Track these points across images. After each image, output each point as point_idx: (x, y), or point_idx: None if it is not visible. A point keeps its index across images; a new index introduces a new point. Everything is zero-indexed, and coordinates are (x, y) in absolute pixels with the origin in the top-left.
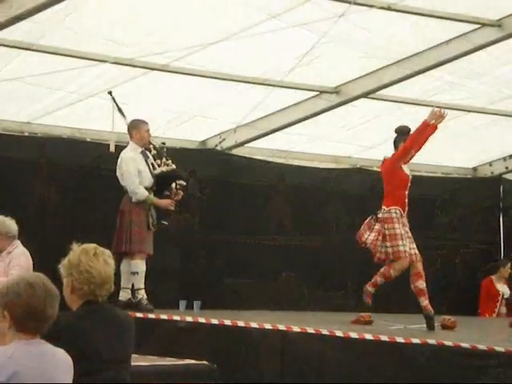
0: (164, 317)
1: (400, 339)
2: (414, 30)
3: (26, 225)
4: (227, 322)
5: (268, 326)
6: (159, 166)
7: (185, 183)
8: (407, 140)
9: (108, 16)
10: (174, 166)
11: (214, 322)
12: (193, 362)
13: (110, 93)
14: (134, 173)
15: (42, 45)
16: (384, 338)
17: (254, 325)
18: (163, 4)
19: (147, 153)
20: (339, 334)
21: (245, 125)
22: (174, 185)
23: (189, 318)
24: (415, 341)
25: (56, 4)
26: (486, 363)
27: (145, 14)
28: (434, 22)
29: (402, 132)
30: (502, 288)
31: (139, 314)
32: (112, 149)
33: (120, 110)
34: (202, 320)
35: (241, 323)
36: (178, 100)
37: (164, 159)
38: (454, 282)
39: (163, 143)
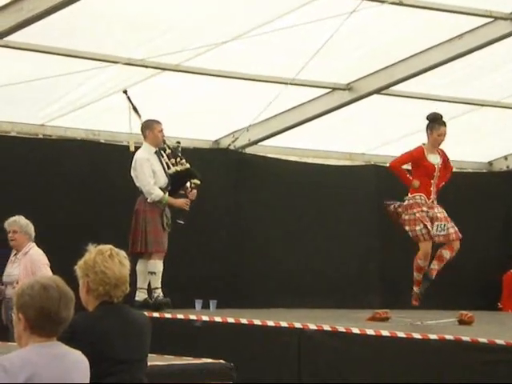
0: (180, 316)
1: (417, 335)
2: (426, 24)
3: (42, 226)
4: (244, 321)
5: (284, 324)
6: (173, 165)
7: (199, 182)
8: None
9: (119, 17)
10: (188, 165)
11: (231, 320)
12: (210, 361)
13: (125, 92)
14: (149, 173)
15: (54, 47)
16: (401, 334)
17: (270, 323)
18: (174, 4)
19: (162, 152)
20: (356, 331)
21: (258, 123)
22: (188, 184)
23: (205, 318)
24: (432, 337)
25: (67, 6)
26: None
27: (156, 14)
28: (446, 16)
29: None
30: None
31: (156, 314)
32: (132, 149)
33: (135, 109)
34: (218, 319)
35: (257, 322)
36: (191, 100)
37: (178, 158)
38: (472, 276)
39: (178, 142)
